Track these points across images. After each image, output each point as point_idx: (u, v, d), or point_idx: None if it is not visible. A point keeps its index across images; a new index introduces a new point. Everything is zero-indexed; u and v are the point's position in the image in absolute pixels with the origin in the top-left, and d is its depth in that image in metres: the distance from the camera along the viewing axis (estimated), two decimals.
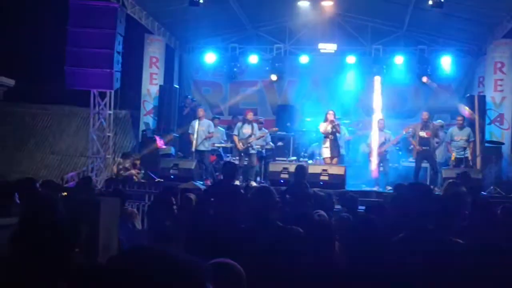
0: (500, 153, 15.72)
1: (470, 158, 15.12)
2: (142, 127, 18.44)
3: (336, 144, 14.66)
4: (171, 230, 5.12)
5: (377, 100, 17.88)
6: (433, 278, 3.36)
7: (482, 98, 17.40)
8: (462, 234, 4.93)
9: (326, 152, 14.68)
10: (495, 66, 17.32)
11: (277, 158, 16.39)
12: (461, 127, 15.31)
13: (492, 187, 13.88)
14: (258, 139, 15.08)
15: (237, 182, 14.21)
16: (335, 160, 14.59)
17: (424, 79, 19.09)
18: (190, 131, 15.49)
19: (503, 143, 16.23)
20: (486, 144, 15.63)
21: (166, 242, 4.96)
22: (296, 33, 19.92)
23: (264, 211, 4.62)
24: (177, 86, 19.56)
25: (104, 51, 14.34)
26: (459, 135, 15.14)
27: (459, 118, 15.66)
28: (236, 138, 15.12)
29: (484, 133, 16.38)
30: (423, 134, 14.46)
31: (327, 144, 14.61)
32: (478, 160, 15.16)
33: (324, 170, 13.89)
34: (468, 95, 18.36)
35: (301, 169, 10.27)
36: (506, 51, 17.13)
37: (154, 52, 18.72)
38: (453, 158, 15.26)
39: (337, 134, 14.78)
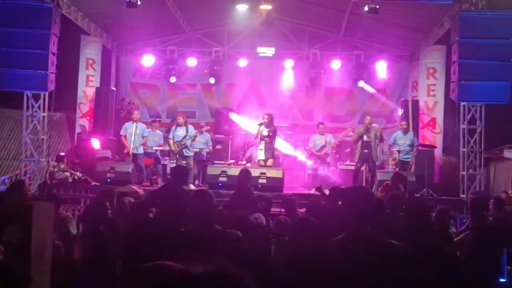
0: (432, 157, 16.16)
1: (412, 162, 15.46)
2: (78, 129, 18.06)
3: (270, 147, 14.73)
4: (106, 234, 5.02)
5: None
6: (370, 277, 3.41)
7: (416, 103, 17.87)
8: (398, 235, 5.04)
9: (260, 154, 14.76)
10: (427, 71, 17.82)
11: (215, 161, 16.36)
12: (405, 132, 15.63)
13: (425, 190, 14.23)
14: (193, 140, 14.99)
15: (191, 187, 14.15)
16: (269, 161, 14.66)
17: (360, 83, 19.48)
18: (122, 133, 15.23)
19: (435, 147, 16.69)
20: (419, 148, 16.03)
21: (100, 246, 4.86)
22: (235, 36, 19.96)
23: (202, 215, 4.59)
24: (114, 88, 19.27)
25: (38, 52, 13.99)
26: (403, 139, 15.45)
27: (403, 123, 16.00)
28: (171, 141, 15.03)
29: (418, 137, 16.80)
30: (366, 138, 14.71)
31: (262, 146, 14.69)
32: (412, 163, 15.52)
33: (262, 173, 13.93)
34: (402, 99, 18.82)
35: (245, 173, 10.26)
36: (438, 57, 17.65)
37: (90, 54, 18.38)
38: (392, 160, 15.54)
39: (269, 138, 14.83)
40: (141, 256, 4.58)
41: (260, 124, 14.60)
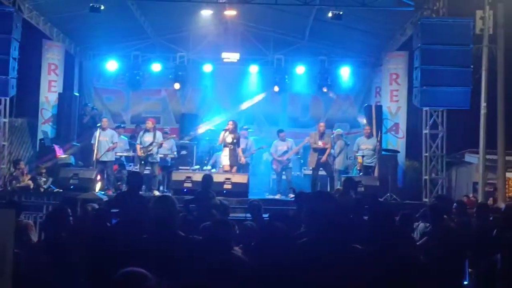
0: (396, 161, 16.34)
1: (375, 166, 15.60)
2: (40, 136, 17.77)
3: (235, 154, 14.73)
4: (67, 241, 4.95)
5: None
6: (333, 282, 3.43)
7: (379, 108, 18.07)
8: (362, 239, 5.07)
9: (225, 161, 14.76)
10: (390, 77, 18.05)
11: (180, 167, 16.27)
12: (368, 137, 15.78)
13: (388, 194, 14.38)
14: (160, 147, 14.91)
15: (156, 193, 14.05)
16: (234, 169, 14.67)
17: (325, 89, 19.61)
18: (93, 141, 15.07)
19: (398, 152, 16.89)
20: (383, 153, 16.20)
21: (61, 254, 4.79)
22: (200, 42, 19.92)
23: (165, 221, 4.56)
24: (77, 94, 19.03)
25: None
26: (366, 144, 15.60)
27: (367, 127, 16.16)
28: (138, 147, 14.92)
29: (381, 141, 16.98)
30: (319, 144, 14.84)
31: (226, 153, 14.69)
32: (376, 168, 15.68)
33: (227, 178, 13.92)
34: (366, 104, 19.00)
35: (207, 179, 10.24)
36: (401, 63, 17.89)
37: (52, 59, 18.13)
38: (359, 162, 15.67)
39: (235, 144, 14.85)
40: (104, 263, 4.52)
41: (225, 131, 14.59)
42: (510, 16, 14.63)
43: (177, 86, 19.68)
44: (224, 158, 14.76)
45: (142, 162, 14.82)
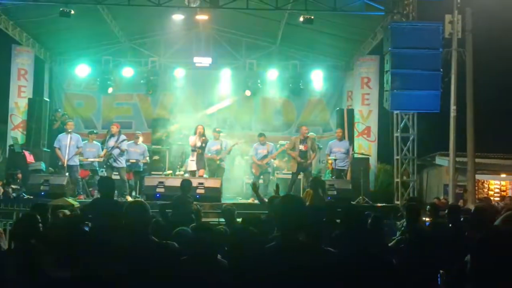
0: (367, 165, 16.47)
1: (348, 169, 15.68)
2: (9, 142, 17.53)
3: (202, 158, 14.71)
4: (37, 248, 4.89)
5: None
6: (303, 286, 3.43)
7: (351, 112, 18.19)
8: (334, 242, 5.10)
9: (192, 165, 14.73)
10: (362, 81, 18.21)
11: (152, 172, 16.18)
12: (340, 139, 15.85)
13: (361, 197, 14.48)
14: (122, 150, 14.76)
15: (128, 198, 13.93)
16: (201, 172, 14.65)
17: (297, 93, 19.67)
18: (55, 145, 14.88)
19: (370, 155, 17.02)
20: (355, 156, 16.31)
21: (31, 261, 4.72)
22: (171, 46, 19.87)
23: (137, 226, 4.53)
24: (48, 99, 18.82)
25: None
26: (338, 147, 15.66)
27: (338, 130, 16.24)
28: (105, 151, 14.81)
29: (353, 145, 17.10)
30: (301, 147, 14.82)
31: (194, 157, 14.66)
32: (348, 171, 15.77)
33: (200, 183, 13.87)
34: (338, 108, 19.12)
35: (186, 184, 10.19)
36: (372, 67, 18.06)
37: (22, 64, 17.94)
38: (330, 166, 15.73)
39: (204, 148, 14.83)
40: (76, 269, 4.48)
41: (196, 135, 14.56)
42: (478, 20, 14.85)
43: (150, 91, 19.55)
44: (191, 162, 14.75)
45: (105, 166, 14.74)
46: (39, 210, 6.70)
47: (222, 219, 9.01)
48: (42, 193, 13.79)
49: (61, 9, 14.54)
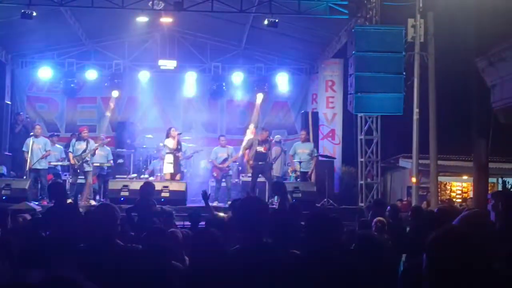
0: (332, 167, 16.59)
1: (311, 172, 15.76)
2: None
3: (178, 161, 14.70)
4: None
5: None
6: (266, 285, 3.45)
7: (315, 115, 18.32)
8: (299, 245, 5.12)
9: (169, 168, 14.66)
10: (326, 84, 18.35)
11: (117, 176, 16.05)
12: (304, 141, 15.92)
13: (325, 200, 14.57)
14: (94, 154, 14.66)
15: (92, 202, 13.79)
16: (178, 176, 14.60)
17: (262, 95, 19.70)
18: (24, 149, 14.71)
19: (334, 158, 17.15)
20: (320, 158, 16.41)
21: None
22: (136, 49, 19.72)
23: (103, 230, 4.49)
24: (9, 102, 18.54)
25: None
26: (302, 148, 15.74)
27: (303, 133, 16.31)
28: (71, 155, 14.64)
29: (318, 147, 17.20)
30: (260, 149, 14.84)
31: (171, 160, 14.59)
32: (313, 173, 15.86)
33: (165, 186, 13.82)
34: (303, 111, 19.22)
35: (147, 186, 10.10)
36: (336, 70, 18.21)
37: None
38: (291, 170, 15.82)
39: (181, 152, 14.86)
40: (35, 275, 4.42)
41: (171, 138, 14.55)
42: (440, 24, 15.07)
43: (115, 94, 19.29)
44: (168, 165, 14.67)
45: (78, 170, 14.55)
46: None
47: (188, 222, 9.01)
48: (4, 198, 13.58)
49: (22, 11, 14.29)
